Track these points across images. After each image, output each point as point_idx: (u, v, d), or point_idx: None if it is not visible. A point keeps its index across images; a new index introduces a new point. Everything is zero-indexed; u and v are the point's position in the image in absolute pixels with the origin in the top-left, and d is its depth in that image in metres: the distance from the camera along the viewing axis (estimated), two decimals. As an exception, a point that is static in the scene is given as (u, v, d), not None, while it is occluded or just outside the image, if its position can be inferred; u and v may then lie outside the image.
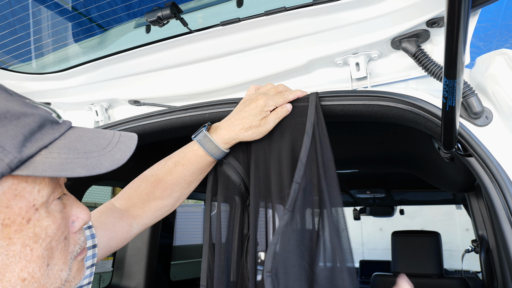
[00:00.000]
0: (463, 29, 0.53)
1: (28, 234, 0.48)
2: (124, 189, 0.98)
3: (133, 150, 0.55)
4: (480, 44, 3.64)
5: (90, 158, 0.50)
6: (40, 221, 0.49)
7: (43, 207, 0.50)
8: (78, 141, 0.52)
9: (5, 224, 0.46)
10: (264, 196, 0.97)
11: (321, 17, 0.99)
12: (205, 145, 0.92)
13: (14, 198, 0.47)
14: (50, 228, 0.51)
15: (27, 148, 0.46)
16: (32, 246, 0.49)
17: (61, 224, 0.53)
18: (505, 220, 0.79)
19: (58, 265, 0.53)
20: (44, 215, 0.50)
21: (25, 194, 0.48)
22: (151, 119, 1.17)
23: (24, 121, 0.47)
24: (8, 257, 0.47)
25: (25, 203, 0.48)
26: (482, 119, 0.89)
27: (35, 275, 0.49)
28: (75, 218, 0.57)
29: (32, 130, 0.47)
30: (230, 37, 1.10)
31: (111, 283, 2.21)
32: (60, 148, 0.49)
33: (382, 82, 1.14)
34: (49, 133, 0.49)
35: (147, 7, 1.22)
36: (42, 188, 0.49)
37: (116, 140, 0.55)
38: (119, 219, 0.91)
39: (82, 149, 0.51)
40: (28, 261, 0.48)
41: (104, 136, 0.55)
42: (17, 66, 1.41)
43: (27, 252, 0.48)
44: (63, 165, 0.47)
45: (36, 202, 0.49)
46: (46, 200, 0.50)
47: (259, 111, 0.90)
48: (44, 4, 1.29)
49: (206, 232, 0.98)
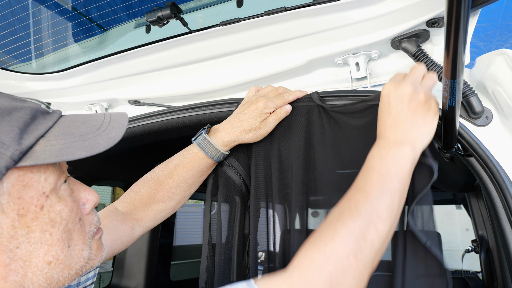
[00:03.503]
0: (463, 29, 0.53)
1: (44, 220, 0.51)
2: (126, 192, 0.99)
3: (126, 126, 0.57)
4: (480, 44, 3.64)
5: (87, 140, 0.52)
6: (53, 207, 0.52)
7: (53, 193, 0.53)
8: (72, 126, 0.54)
9: (21, 214, 0.49)
10: (265, 196, 0.97)
11: (321, 17, 0.99)
12: (205, 148, 0.92)
13: (24, 188, 0.49)
14: (64, 211, 0.54)
15: (25, 140, 0.48)
16: (51, 231, 0.52)
17: (73, 207, 0.56)
18: (505, 220, 0.79)
19: (78, 245, 0.56)
20: (55, 200, 0.53)
21: (33, 184, 0.50)
22: (151, 119, 1.17)
23: (16, 115, 0.48)
24: (31, 244, 0.50)
25: (35, 192, 0.50)
26: (482, 119, 0.89)
27: (59, 257, 0.53)
28: (85, 201, 0.60)
29: (26, 122, 0.49)
30: (230, 37, 1.10)
31: (111, 283, 2.21)
32: (56, 135, 0.51)
33: (382, 82, 1.14)
34: (43, 123, 0.51)
35: (147, 7, 1.22)
36: (48, 176, 0.52)
37: (108, 120, 0.57)
38: (122, 222, 0.92)
39: (77, 132, 0.53)
40: (50, 245, 0.52)
41: (96, 118, 0.57)
42: (17, 66, 1.41)
43: (47, 237, 0.51)
44: (63, 150, 0.49)
45: (46, 190, 0.51)
46: (54, 186, 0.53)
47: (259, 113, 0.90)
48: (44, 4, 1.29)
49: (206, 233, 0.98)
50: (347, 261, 0.59)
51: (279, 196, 0.95)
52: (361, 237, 0.61)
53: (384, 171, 0.67)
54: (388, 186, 0.66)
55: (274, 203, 0.96)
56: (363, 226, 0.62)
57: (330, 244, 0.60)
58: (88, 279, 0.77)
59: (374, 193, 0.65)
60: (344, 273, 0.58)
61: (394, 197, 0.65)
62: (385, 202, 0.64)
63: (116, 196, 10.26)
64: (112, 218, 0.91)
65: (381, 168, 0.68)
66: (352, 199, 0.66)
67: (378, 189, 0.65)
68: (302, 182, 0.92)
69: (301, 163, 0.93)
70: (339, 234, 0.61)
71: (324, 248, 0.60)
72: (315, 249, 0.60)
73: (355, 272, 0.59)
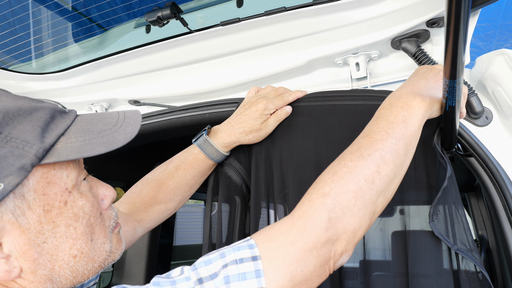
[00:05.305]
0: (463, 29, 0.53)
1: (68, 215, 0.54)
2: (127, 193, 0.99)
3: (140, 122, 0.59)
4: (480, 44, 3.64)
5: (105, 136, 0.55)
6: (76, 202, 0.55)
7: (75, 189, 0.55)
8: (89, 124, 0.56)
9: (47, 210, 0.51)
10: (265, 196, 0.97)
11: (321, 17, 0.99)
12: (206, 149, 0.92)
13: (48, 185, 0.51)
14: (86, 206, 0.56)
15: (47, 138, 0.50)
16: (75, 225, 0.54)
17: (94, 202, 0.58)
18: (505, 220, 0.79)
19: (100, 239, 0.59)
20: (77, 196, 0.55)
21: (56, 180, 0.52)
22: (151, 119, 1.17)
23: (37, 115, 0.51)
24: (56, 238, 0.52)
25: (59, 188, 0.53)
26: (482, 119, 0.89)
27: (84, 251, 0.55)
28: (103, 197, 0.63)
29: (46, 122, 0.51)
30: (230, 37, 1.10)
31: (111, 283, 2.21)
32: (76, 133, 0.53)
33: (382, 82, 1.14)
34: (61, 122, 0.54)
35: (147, 7, 1.22)
36: (69, 173, 0.54)
37: (122, 117, 0.60)
38: (124, 223, 0.92)
39: (95, 129, 0.55)
40: (75, 239, 0.54)
41: (111, 116, 0.60)
42: (17, 66, 1.41)
43: (72, 231, 0.54)
44: (83, 146, 0.52)
45: (68, 186, 0.54)
46: (75, 182, 0.55)
47: (260, 114, 0.90)
48: (44, 4, 1.29)
49: (206, 233, 0.98)
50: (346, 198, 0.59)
51: (280, 196, 0.95)
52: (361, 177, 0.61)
53: (391, 118, 0.67)
54: (393, 130, 0.65)
55: (275, 203, 0.96)
56: (364, 167, 0.61)
57: (329, 183, 0.60)
58: (91, 281, 0.77)
59: (378, 138, 0.64)
60: (343, 210, 0.58)
61: (399, 141, 0.64)
62: (390, 144, 0.63)
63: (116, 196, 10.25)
64: None
65: (389, 115, 0.67)
66: (356, 143, 0.66)
67: (383, 133, 0.65)
68: (302, 182, 0.92)
69: (301, 163, 0.93)
70: (338, 175, 0.61)
71: (323, 188, 0.60)
72: (314, 190, 0.61)
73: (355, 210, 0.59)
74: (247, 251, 0.55)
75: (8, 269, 0.49)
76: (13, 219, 0.49)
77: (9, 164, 0.46)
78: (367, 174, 0.61)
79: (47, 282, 0.52)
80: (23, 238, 0.50)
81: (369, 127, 0.68)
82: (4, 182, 0.45)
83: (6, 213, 0.48)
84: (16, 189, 0.48)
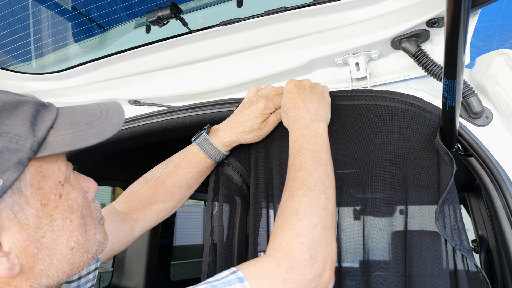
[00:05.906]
0: (463, 29, 0.53)
1: (64, 208, 0.54)
2: (125, 192, 0.98)
3: (124, 113, 0.59)
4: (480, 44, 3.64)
5: (93, 127, 0.54)
6: (69, 194, 0.55)
7: (67, 182, 0.55)
8: (74, 116, 0.55)
9: (44, 204, 0.51)
10: (265, 196, 0.97)
11: (321, 17, 0.99)
12: (205, 148, 0.92)
13: (43, 179, 0.51)
14: (78, 198, 0.56)
15: (37, 132, 0.49)
16: (70, 217, 0.55)
17: (84, 194, 0.59)
18: (505, 220, 0.79)
19: (91, 230, 0.59)
20: (69, 188, 0.55)
21: (49, 174, 0.52)
22: (151, 119, 1.17)
23: (23, 109, 0.50)
24: (54, 231, 0.53)
25: (52, 182, 0.53)
26: (482, 119, 0.89)
27: (80, 242, 0.56)
28: (86, 189, 0.62)
29: (33, 115, 0.50)
30: (230, 37, 1.10)
31: (111, 283, 2.21)
32: (64, 125, 0.53)
33: (382, 82, 1.14)
34: (47, 115, 0.53)
35: (147, 7, 1.22)
36: (60, 166, 0.54)
37: (105, 108, 0.59)
38: (121, 223, 0.91)
39: (82, 121, 0.55)
40: (71, 231, 0.54)
41: (93, 107, 0.59)
42: (17, 66, 1.41)
43: (68, 224, 0.54)
44: (74, 138, 0.51)
45: (60, 179, 0.54)
46: (66, 175, 0.55)
47: (260, 113, 0.90)
48: (44, 4, 1.29)
49: (207, 233, 0.98)
50: (316, 232, 0.65)
51: (279, 196, 0.94)
52: (319, 208, 0.68)
53: (311, 147, 0.76)
54: (319, 158, 0.75)
55: (275, 203, 0.96)
56: (316, 198, 0.69)
57: (298, 222, 0.66)
58: (88, 282, 0.77)
59: (312, 168, 0.73)
60: (318, 244, 0.64)
61: (326, 165, 0.75)
62: (323, 171, 0.73)
63: (116, 196, 10.24)
64: (111, 219, 0.90)
65: (308, 145, 0.77)
66: (297, 179, 0.73)
67: (313, 163, 0.73)
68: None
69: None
70: (301, 212, 0.67)
71: (294, 229, 0.65)
72: (287, 233, 0.65)
73: (326, 239, 0.66)
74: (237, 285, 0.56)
75: (10, 267, 0.49)
76: (11, 215, 0.48)
77: (6, 159, 0.45)
78: (321, 203, 0.69)
79: (42, 277, 0.52)
80: (22, 234, 0.49)
81: (298, 159, 0.76)
82: (3, 178, 0.45)
83: (5, 210, 0.48)
84: (14, 184, 0.47)
